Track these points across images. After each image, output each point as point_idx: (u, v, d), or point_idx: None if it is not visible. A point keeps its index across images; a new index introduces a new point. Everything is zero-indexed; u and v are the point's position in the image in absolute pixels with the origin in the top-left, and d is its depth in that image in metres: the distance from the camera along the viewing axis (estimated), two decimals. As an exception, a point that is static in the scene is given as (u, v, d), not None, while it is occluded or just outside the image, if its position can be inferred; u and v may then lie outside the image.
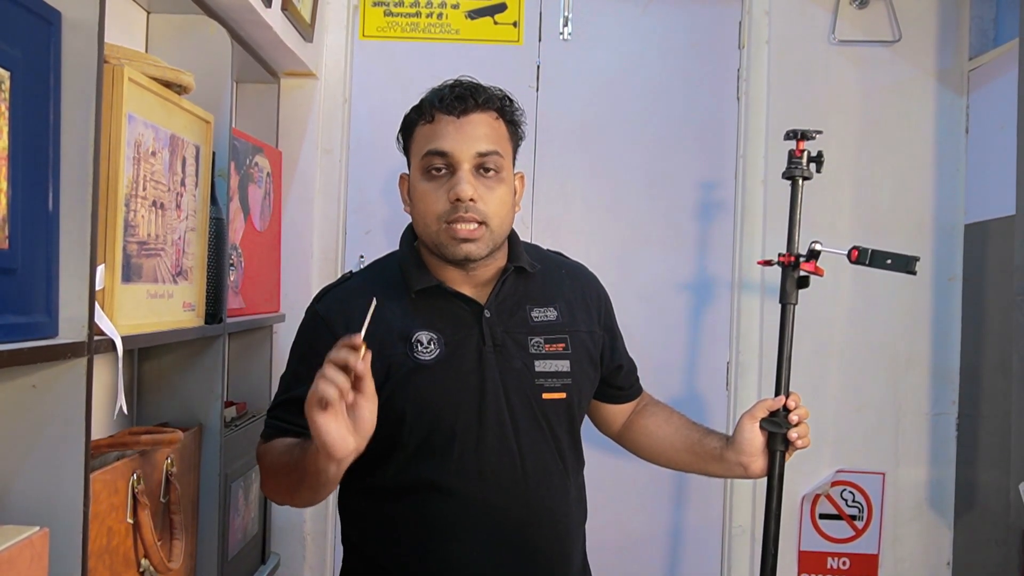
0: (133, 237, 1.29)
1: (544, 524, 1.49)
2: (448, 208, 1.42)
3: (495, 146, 1.45)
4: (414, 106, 1.51)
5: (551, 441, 1.50)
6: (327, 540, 2.63)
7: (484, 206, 1.43)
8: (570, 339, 1.53)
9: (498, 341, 1.47)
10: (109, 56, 1.23)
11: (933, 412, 2.60)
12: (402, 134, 1.55)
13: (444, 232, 1.43)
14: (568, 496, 1.54)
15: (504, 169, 1.48)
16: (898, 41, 2.58)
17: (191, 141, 1.50)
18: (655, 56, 2.67)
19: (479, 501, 1.45)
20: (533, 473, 1.47)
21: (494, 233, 1.45)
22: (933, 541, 2.61)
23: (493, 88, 1.52)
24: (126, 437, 1.43)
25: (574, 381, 1.51)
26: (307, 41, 2.37)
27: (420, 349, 1.44)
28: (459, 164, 1.43)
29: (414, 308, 1.47)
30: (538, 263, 1.58)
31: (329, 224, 2.61)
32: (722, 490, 2.65)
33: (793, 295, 1.62)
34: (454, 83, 1.49)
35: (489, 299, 1.49)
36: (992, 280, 2.41)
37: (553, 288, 1.57)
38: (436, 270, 1.50)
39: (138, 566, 1.40)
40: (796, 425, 1.51)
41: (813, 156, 1.67)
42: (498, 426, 1.45)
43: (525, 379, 1.48)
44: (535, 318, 1.52)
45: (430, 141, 1.45)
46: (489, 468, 1.45)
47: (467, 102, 1.45)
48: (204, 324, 1.62)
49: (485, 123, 1.46)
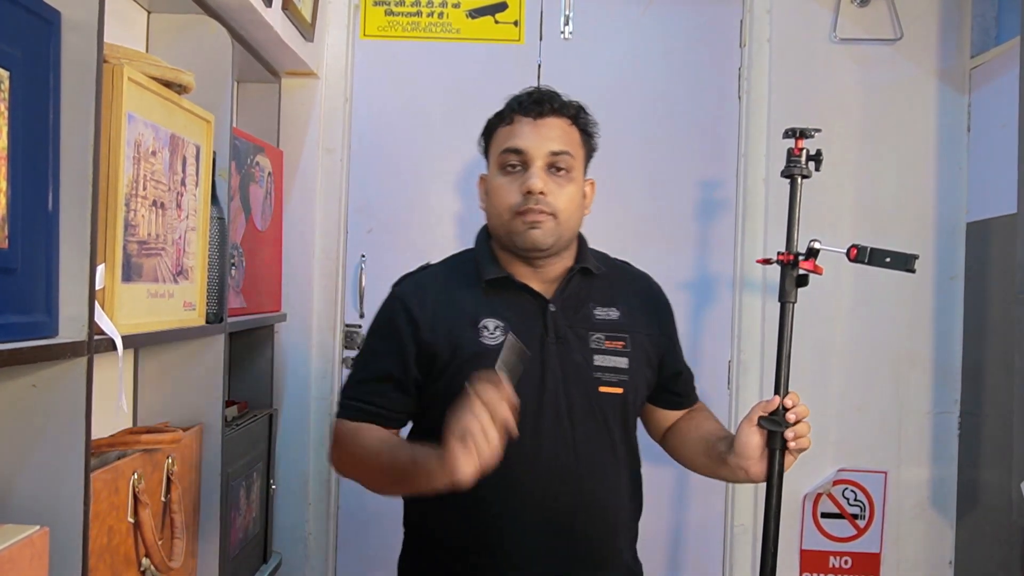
0: (133, 236, 1.29)
1: (594, 512, 1.57)
2: (520, 200, 1.54)
3: (567, 147, 1.57)
4: (496, 113, 1.64)
5: (605, 433, 1.58)
6: (328, 540, 2.64)
7: (554, 200, 1.54)
8: (630, 339, 1.62)
9: (560, 333, 1.57)
10: (109, 56, 1.23)
11: (935, 411, 2.59)
12: (483, 137, 1.68)
13: (514, 221, 1.55)
14: (620, 488, 1.62)
15: (574, 170, 1.58)
16: (899, 39, 2.58)
17: (191, 141, 1.50)
18: (656, 55, 2.67)
19: (532, 484, 1.53)
20: (586, 462, 1.56)
21: (561, 226, 1.56)
22: (935, 540, 2.61)
23: (570, 98, 1.62)
24: (127, 436, 1.43)
25: (631, 378, 1.60)
26: (308, 40, 2.37)
27: (486, 334, 1.55)
28: (532, 161, 1.55)
29: (484, 297, 1.59)
30: (604, 267, 1.67)
31: (330, 223, 2.62)
32: (723, 489, 2.64)
33: (792, 294, 1.62)
34: (533, 89, 1.62)
35: (555, 294, 1.60)
36: (994, 278, 2.40)
37: (617, 290, 1.66)
38: (507, 264, 1.61)
39: (139, 565, 1.40)
40: (794, 424, 1.50)
41: (812, 154, 1.66)
42: (555, 413, 1.54)
43: (584, 371, 1.57)
44: (597, 316, 1.62)
45: (507, 140, 1.58)
46: (544, 453, 1.53)
47: (543, 106, 1.57)
48: (205, 324, 1.62)
49: (559, 127, 1.58)
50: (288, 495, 2.57)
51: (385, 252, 2.67)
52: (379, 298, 2.64)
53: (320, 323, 2.61)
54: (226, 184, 1.75)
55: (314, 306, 2.59)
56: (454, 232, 2.66)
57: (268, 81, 2.44)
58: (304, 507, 2.60)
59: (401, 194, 2.67)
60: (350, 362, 2.64)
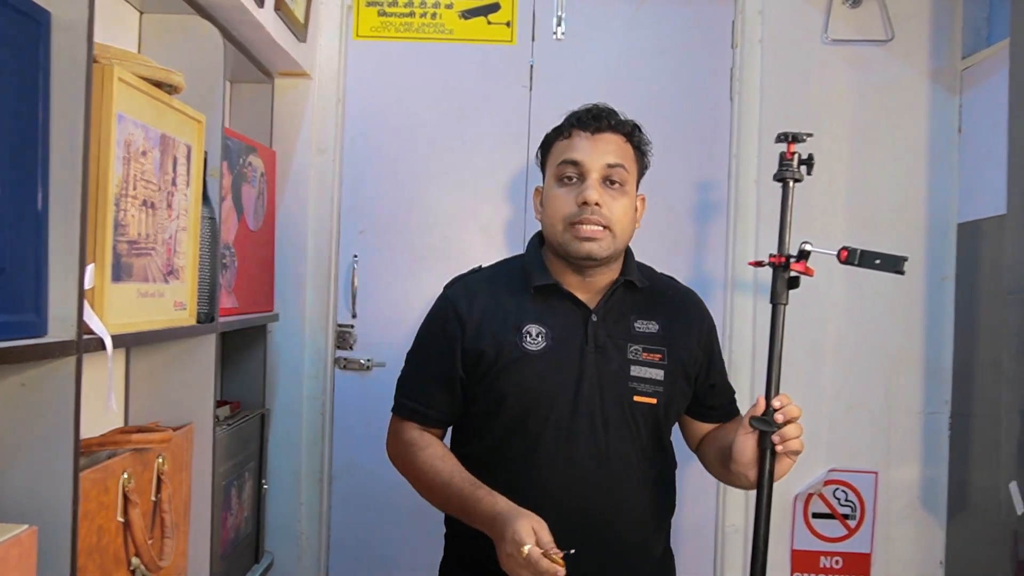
0: (123, 236, 1.30)
1: (623, 513, 1.64)
2: (575, 211, 1.60)
3: (622, 160, 1.63)
4: (554, 127, 1.72)
5: (637, 440, 1.65)
6: (321, 540, 2.64)
7: (608, 212, 1.60)
8: (668, 352, 1.67)
9: (600, 343, 1.64)
10: (99, 56, 1.23)
11: (926, 411, 2.60)
12: (541, 150, 1.75)
13: (569, 231, 1.61)
14: (649, 489, 1.68)
15: (628, 183, 1.65)
16: (891, 40, 2.59)
17: (182, 141, 1.50)
18: (649, 56, 2.67)
19: (564, 484, 1.60)
20: (616, 465, 1.63)
21: (616, 239, 1.62)
22: (926, 540, 2.61)
23: (626, 116, 1.70)
24: (117, 436, 1.43)
25: (666, 390, 1.66)
26: (300, 41, 2.37)
27: (529, 340, 1.63)
28: (588, 173, 1.61)
29: (530, 303, 1.66)
30: (648, 281, 1.73)
31: (323, 224, 2.62)
32: (715, 490, 2.65)
33: (783, 295, 1.64)
34: (591, 106, 1.68)
35: (598, 305, 1.66)
36: (984, 279, 2.41)
37: (659, 305, 1.72)
38: (556, 272, 1.68)
39: (128, 564, 1.40)
40: (784, 424, 1.51)
41: (804, 159, 1.68)
42: (589, 418, 1.61)
43: (620, 380, 1.63)
44: (637, 328, 1.68)
45: (565, 152, 1.65)
46: (576, 455, 1.60)
47: (601, 122, 1.64)
48: (196, 323, 1.62)
49: (615, 142, 1.65)
50: (280, 495, 2.57)
51: (377, 252, 2.67)
52: (372, 298, 2.67)
53: (312, 323, 2.61)
54: (217, 184, 1.75)
55: (306, 306, 2.60)
56: (447, 232, 2.67)
57: (261, 81, 2.44)
58: (296, 507, 2.60)
59: (394, 194, 2.67)
60: (343, 362, 2.65)
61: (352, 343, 2.67)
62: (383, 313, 2.67)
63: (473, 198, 2.67)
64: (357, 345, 2.67)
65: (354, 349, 2.67)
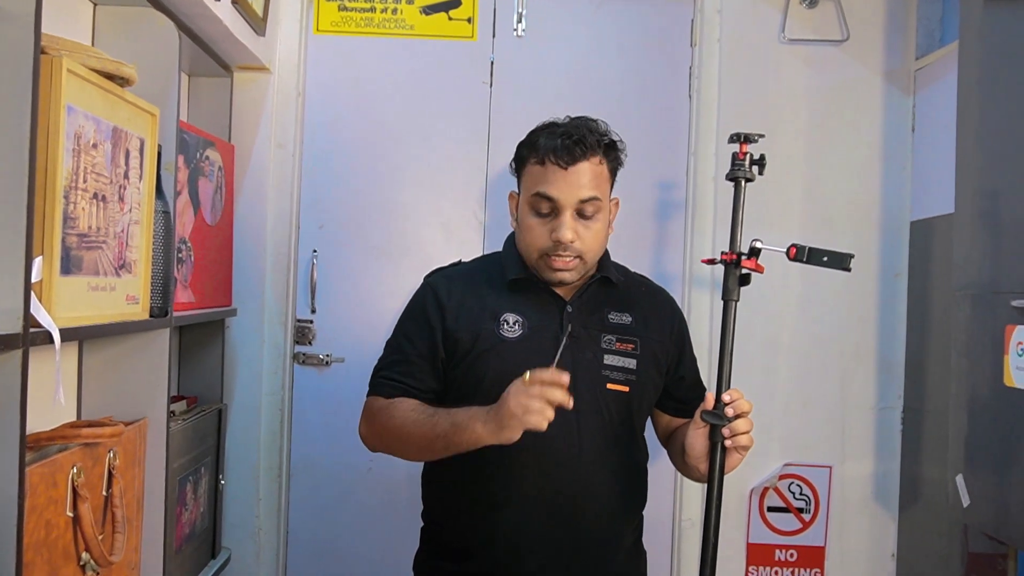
0: (73, 229, 1.29)
1: (595, 501, 1.67)
2: (549, 245, 1.64)
3: (595, 192, 1.64)
4: (529, 142, 1.70)
5: (609, 427, 1.69)
6: (279, 536, 2.63)
7: (581, 244, 1.64)
8: (640, 343, 1.73)
9: (574, 332, 1.67)
10: (48, 47, 1.22)
11: (879, 406, 2.65)
12: (515, 161, 1.75)
13: (543, 261, 1.66)
14: (620, 476, 1.72)
15: (601, 210, 1.66)
16: (846, 41, 2.62)
17: (135, 134, 1.50)
18: (609, 54, 2.69)
19: (537, 471, 1.64)
20: (589, 453, 1.66)
21: (587, 263, 1.68)
22: (878, 533, 2.66)
23: (599, 127, 1.70)
24: (66, 430, 1.43)
25: (638, 379, 1.71)
26: (259, 35, 2.36)
27: (506, 327, 1.68)
28: (563, 209, 1.63)
29: (508, 295, 1.71)
30: (623, 278, 1.79)
31: (282, 219, 2.61)
32: (673, 484, 2.67)
33: (735, 292, 1.67)
34: (564, 131, 1.65)
35: (573, 297, 1.72)
36: (936, 276, 2.45)
37: (632, 300, 1.77)
38: (532, 269, 1.71)
39: (78, 559, 1.39)
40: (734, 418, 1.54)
41: (756, 159, 1.72)
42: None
43: (592, 368, 1.68)
44: (611, 320, 1.73)
45: (539, 184, 1.64)
46: (549, 442, 1.60)
47: (574, 153, 1.62)
48: (149, 317, 1.61)
49: (588, 171, 1.64)
50: (238, 490, 2.56)
51: (337, 248, 2.67)
52: (331, 293, 2.66)
53: (271, 318, 2.60)
54: (172, 178, 1.74)
55: (265, 301, 2.58)
56: (406, 228, 2.67)
57: (219, 75, 2.43)
58: (254, 502, 2.58)
59: (354, 190, 2.67)
60: (302, 357, 2.65)
61: (311, 338, 2.66)
62: (343, 308, 2.67)
63: (433, 194, 2.67)
64: (316, 340, 2.67)
65: (313, 344, 2.67)
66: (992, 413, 1.86)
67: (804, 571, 2.65)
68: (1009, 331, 1.78)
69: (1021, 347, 1.73)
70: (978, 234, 1.96)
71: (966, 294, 1.98)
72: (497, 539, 1.66)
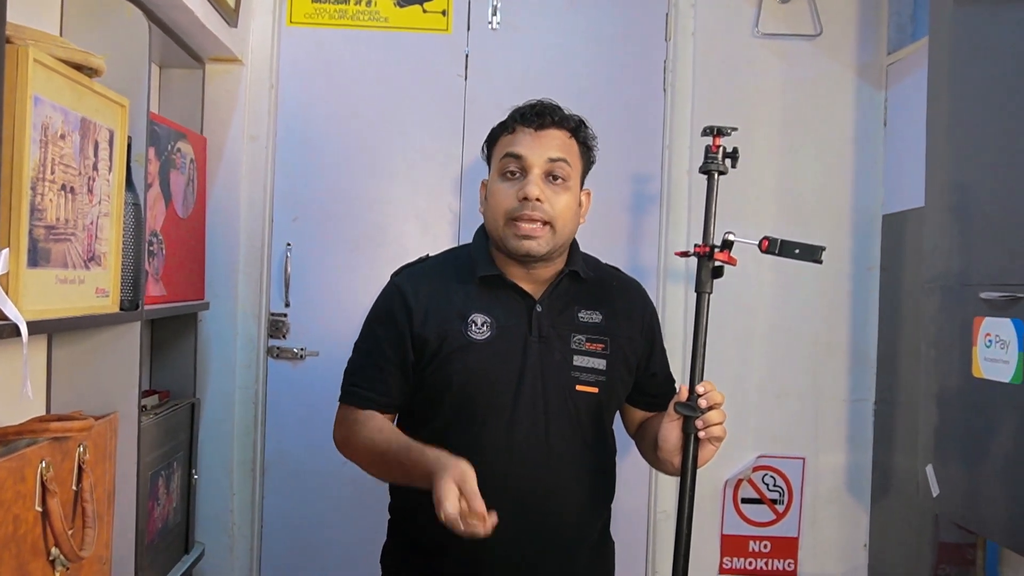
0: (40, 221, 1.27)
1: (563, 502, 1.66)
2: (516, 205, 1.61)
3: (565, 155, 1.64)
4: (500, 122, 1.71)
5: (578, 429, 1.67)
6: (253, 530, 2.62)
7: (550, 207, 1.61)
8: (610, 342, 1.70)
9: (543, 333, 1.66)
10: (14, 37, 1.21)
11: (852, 398, 2.67)
12: (486, 145, 1.75)
13: (509, 227, 1.62)
14: (589, 477, 1.71)
15: (571, 179, 1.66)
16: (819, 35, 2.64)
17: (104, 125, 1.48)
18: (583, 47, 2.69)
19: (505, 473, 1.61)
20: (557, 454, 1.65)
21: (556, 235, 1.63)
22: (850, 523, 2.68)
23: (571, 112, 1.70)
24: (35, 424, 1.41)
25: (608, 379, 1.69)
26: (232, 26, 2.34)
27: (474, 328, 1.65)
28: (531, 168, 1.62)
29: (476, 293, 1.67)
30: (593, 272, 1.76)
31: (255, 211, 2.59)
32: (648, 477, 2.69)
33: (708, 284, 1.67)
34: (536, 102, 1.68)
35: (543, 295, 1.69)
36: (908, 269, 2.48)
37: (602, 295, 1.75)
38: (501, 264, 1.69)
39: (48, 554, 1.38)
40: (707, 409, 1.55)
41: (729, 152, 1.72)
42: (531, 407, 1.64)
43: (562, 370, 1.66)
44: (581, 318, 1.70)
45: (508, 147, 1.65)
46: (517, 444, 1.62)
47: (545, 118, 1.64)
48: (119, 311, 1.60)
49: (559, 138, 1.65)
50: (211, 485, 2.55)
51: (311, 241, 2.66)
52: (305, 286, 2.65)
53: (245, 312, 2.59)
54: (143, 170, 1.72)
55: (238, 294, 2.57)
56: (380, 220, 2.66)
57: (191, 67, 2.40)
58: (228, 497, 2.57)
59: (328, 182, 2.66)
60: (276, 351, 2.63)
61: (285, 332, 2.65)
62: (317, 302, 2.66)
63: (407, 187, 2.66)
64: (290, 334, 2.65)
65: (287, 338, 2.65)
66: (961, 404, 1.88)
67: (778, 562, 2.67)
68: (977, 323, 1.79)
69: (989, 338, 1.75)
70: (948, 227, 1.98)
71: (936, 286, 2.00)
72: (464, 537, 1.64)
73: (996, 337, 1.73)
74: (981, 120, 1.88)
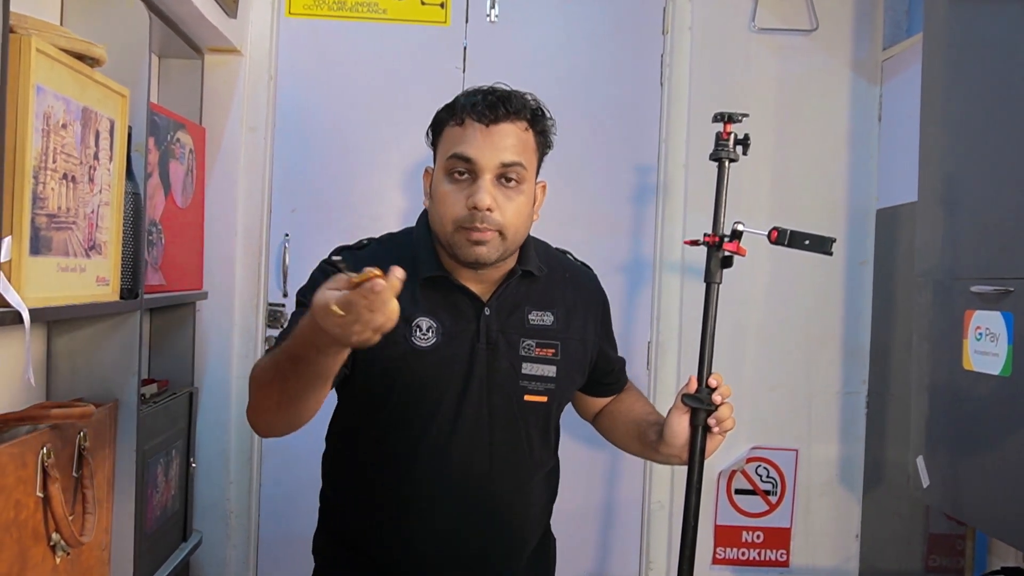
0: (42, 210, 1.29)
1: (505, 511, 1.58)
2: (465, 215, 1.45)
3: (519, 157, 1.47)
4: (446, 104, 1.54)
5: (524, 439, 1.58)
6: (251, 520, 2.64)
7: (501, 216, 1.45)
8: (561, 346, 1.59)
9: (491, 339, 1.54)
10: (16, 26, 1.22)
11: (844, 391, 2.69)
12: (431, 130, 1.57)
13: (459, 233, 1.46)
14: (532, 486, 1.63)
15: (525, 181, 1.49)
16: (815, 30, 2.65)
17: (105, 115, 1.49)
18: (581, 40, 2.70)
19: (446, 483, 1.54)
20: (499, 464, 1.56)
21: (507, 242, 1.48)
22: (843, 515, 2.71)
23: (527, 96, 1.52)
24: (36, 411, 1.42)
25: (557, 387, 1.59)
26: (231, 17, 2.35)
27: (419, 334, 1.51)
28: (481, 172, 1.45)
29: (421, 294, 1.52)
30: (545, 265, 1.62)
31: (253, 202, 2.60)
32: (642, 468, 2.71)
33: (717, 274, 1.66)
34: (488, 89, 1.50)
35: (491, 298, 1.55)
36: (901, 263, 2.50)
37: (554, 293, 1.62)
38: (447, 262, 1.54)
39: (48, 540, 1.40)
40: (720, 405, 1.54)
41: (740, 139, 1.71)
42: (475, 418, 1.53)
43: (509, 379, 1.55)
44: (531, 321, 1.58)
45: (456, 144, 1.47)
46: (458, 454, 1.53)
47: (497, 111, 1.46)
48: (119, 299, 1.61)
49: (513, 133, 1.48)
50: (209, 473, 2.56)
51: (309, 231, 2.67)
52: (303, 277, 2.63)
53: (243, 302, 2.60)
54: (143, 160, 1.73)
55: (236, 284, 2.58)
56: (378, 212, 2.67)
57: (190, 57, 2.41)
58: (225, 485, 2.59)
59: (325, 174, 2.67)
60: (273, 341, 2.64)
61: (283, 322, 2.66)
62: (314, 292, 2.66)
63: (404, 179, 2.68)
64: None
65: (285, 328, 2.66)
66: (951, 396, 1.90)
67: (770, 552, 2.70)
68: (968, 316, 1.81)
69: (980, 331, 1.77)
70: (940, 221, 2.00)
71: (927, 280, 2.01)
72: (397, 544, 1.57)
73: (986, 330, 1.75)
74: (974, 115, 1.90)
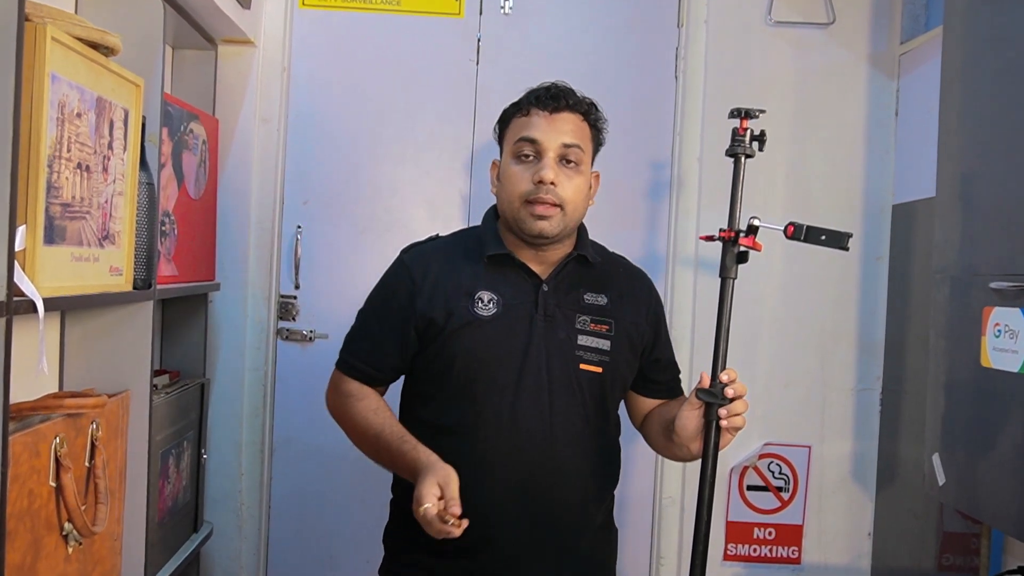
0: (56, 199, 1.28)
1: (567, 477, 1.68)
2: (531, 188, 1.64)
3: (579, 140, 1.68)
4: (513, 102, 1.75)
5: (582, 407, 1.69)
6: (261, 511, 2.64)
7: (563, 191, 1.64)
8: (615, 324, 1.72)
9: (549, 312, 1.68)
10: (32, 15, 1.21)
11: (858, 387, 2.67)
12: (499, 125, 1.78)
13: (524, 208, 1.65)
14: (593, 457, 1.73)
15: (583, 163, 1.70)
16: (832, 24, 2.63)
17: (119, 104, 1.49)
18: (596, 33, 2.68)
19: (509, 448, 1.64)
20: (561, 431, 1.67)
21: (567, 217, 1.66)
22: (855, 512, 2.69)
23: (583, 95, 1.74)
24: (50, 400, 1.42)
25: (612, 360, 1.71)
26: (245, 8, 2.35)
27: (480, 305, 1.67)
28: (545, 152, 1.65)
29: (483, 272, 1.70)
30: (600, 258, 1.78)
31: (266, 194, 2.60)
32: (654, 464, 2.69)
33: (732, 269, 1.67)
34: (550, 85, 1.72)
35: (550, 276, 1.71)
36: (917, 259, 2.47)
37: (609, 280, 1.77)
38: (510, 244, 1.72)
39: (61, 529, 1.40)
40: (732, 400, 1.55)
41: (756, 135, 1.71)
42: (535, 384, 1.66)
43: (566, 348, 1.68)
44: (587, 300, 1.73)
45: (523, 130, 1.68)
46: (522, 420, 1.65)
47: (559, 101, 1.68)
48: (132, 289, 1.61)
49: (572, 122, 1.69)
50: (221, 465, 2.56)
51: (321, 223, 2.66)
52: (315, 269, 2.66)
53: (255, 293, 2.60)
54: (156, 150, 1.73)
55: (249, 276, 2.58)
56: (390, 204, 2.66)
57: (204, 48, 2.41)
58: (237, 477, 2.59)
59: (338, 166, 2.66)
60: (285, 333, 2.65)
61: (295, 314, 2.66)
62: (326, 284, 2.67)
63: (418, 171, 2.67)
64: (300, 316, 2.67)
65: (297, 320, 2.66)
66: (969, 393, 1.88)
67: (782, 549, 2.68)
68: (987, 312, 1.79)
69: (998, 328, 1.75)
70: (958, 217, 1.98)
71: (945, 276, 2.00)
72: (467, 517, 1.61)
73: (1005, 327, 1.73)
74: (994, 111, 1.88)
